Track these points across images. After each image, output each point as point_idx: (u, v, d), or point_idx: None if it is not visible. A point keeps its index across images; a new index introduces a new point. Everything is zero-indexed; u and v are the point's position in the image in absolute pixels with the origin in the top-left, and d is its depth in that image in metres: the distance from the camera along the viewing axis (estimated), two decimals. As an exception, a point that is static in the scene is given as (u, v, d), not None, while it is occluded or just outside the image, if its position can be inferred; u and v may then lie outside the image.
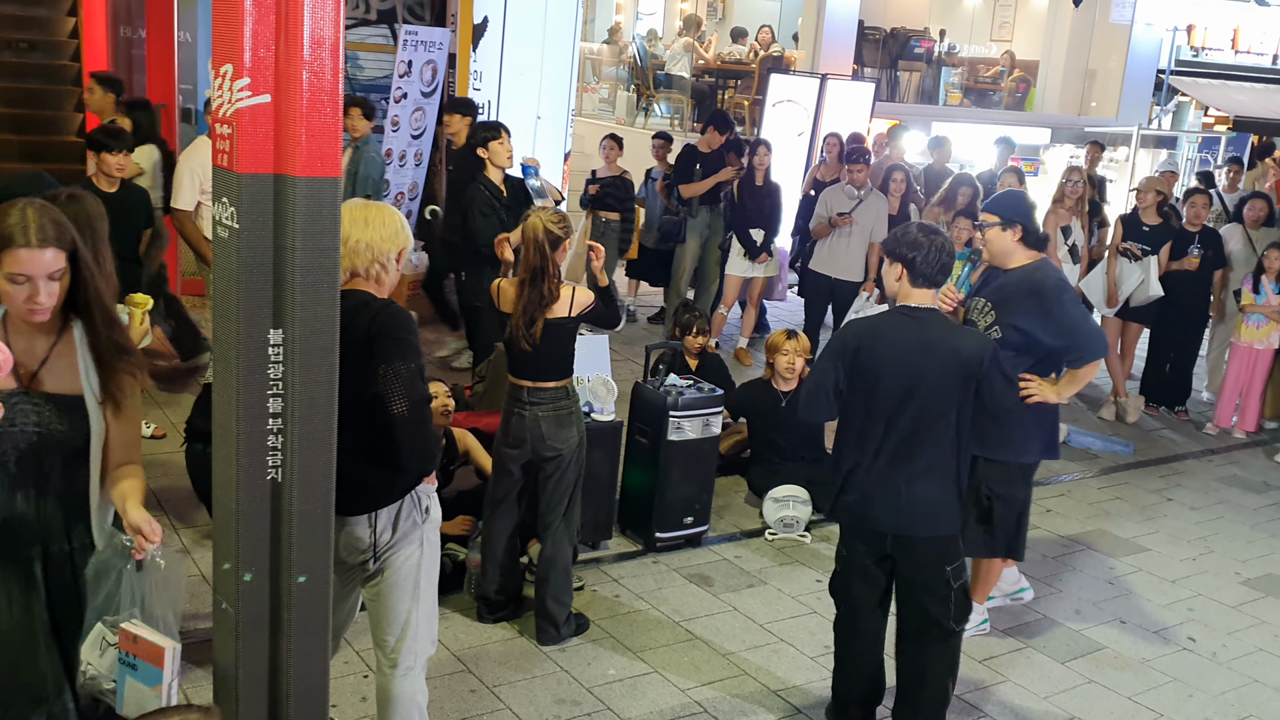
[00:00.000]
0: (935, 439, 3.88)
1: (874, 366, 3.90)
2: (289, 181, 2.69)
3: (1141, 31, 16.11)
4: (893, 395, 3.87)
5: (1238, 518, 6.91)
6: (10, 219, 2.67)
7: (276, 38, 2.62)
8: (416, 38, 9.05)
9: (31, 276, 2.68)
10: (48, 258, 2.69)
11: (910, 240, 3.92)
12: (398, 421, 3.16)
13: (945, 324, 4.02)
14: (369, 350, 3.18)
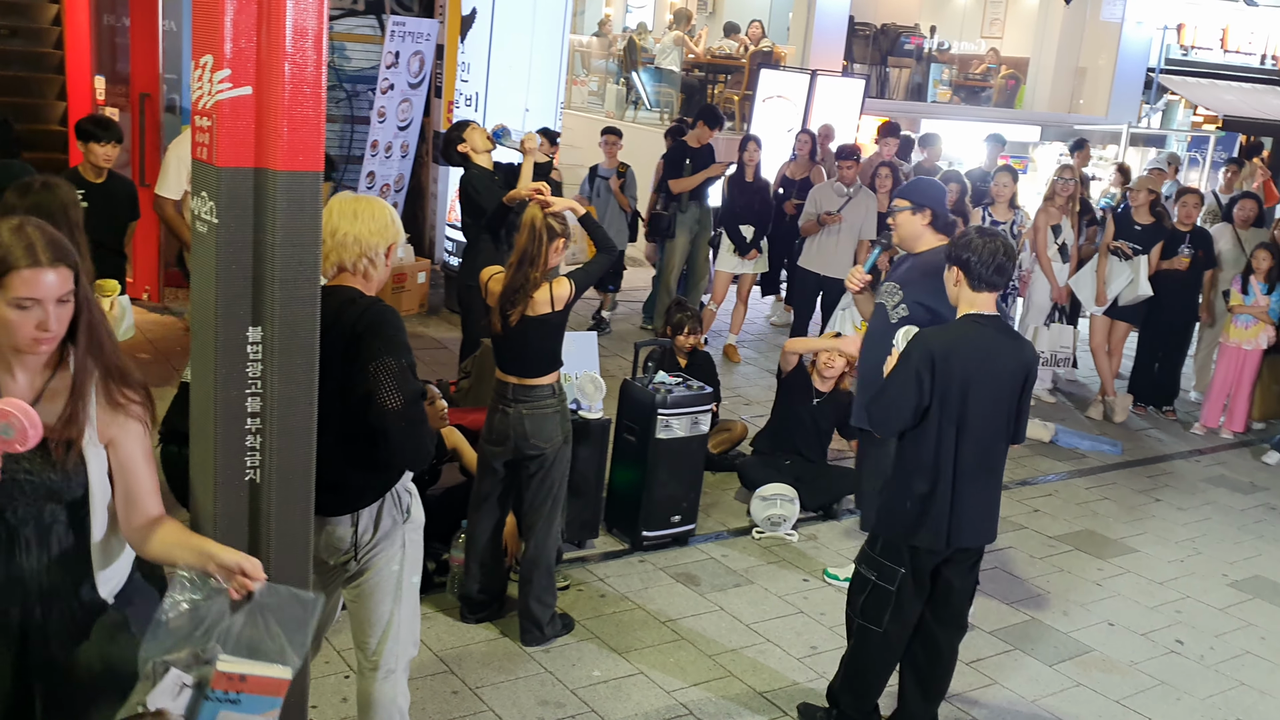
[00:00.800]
0: (1003, 447, 3.94)
1: (960, 378, 3.79)
2: (270, 175, 2.62)
3: (1132, 30, 16.12)
4: (980, 407, 3.82)
5: (1225, 519, 6.90)
6: (8, 238, 2.37)
7: (258, 28, 2.56)
8: (404, 28, 8.98)
9: (41, 300, 2.36)
10: (57, 279, 2.39)
11: (965, 242, 3.88)
12: (390, 417, 3.09)
13: (1008, 331, 4.00)
14: (355, 349, 3.12)
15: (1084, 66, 16.83)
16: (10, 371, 2.46)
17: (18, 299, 2.35)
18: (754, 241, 8.95)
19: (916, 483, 3.88)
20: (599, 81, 15.90)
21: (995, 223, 8.26)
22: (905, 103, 15.77)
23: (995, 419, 3.86)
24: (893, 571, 3.95)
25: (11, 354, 2.44)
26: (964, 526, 3.89)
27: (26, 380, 2.47)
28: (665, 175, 9.20)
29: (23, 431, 2.33)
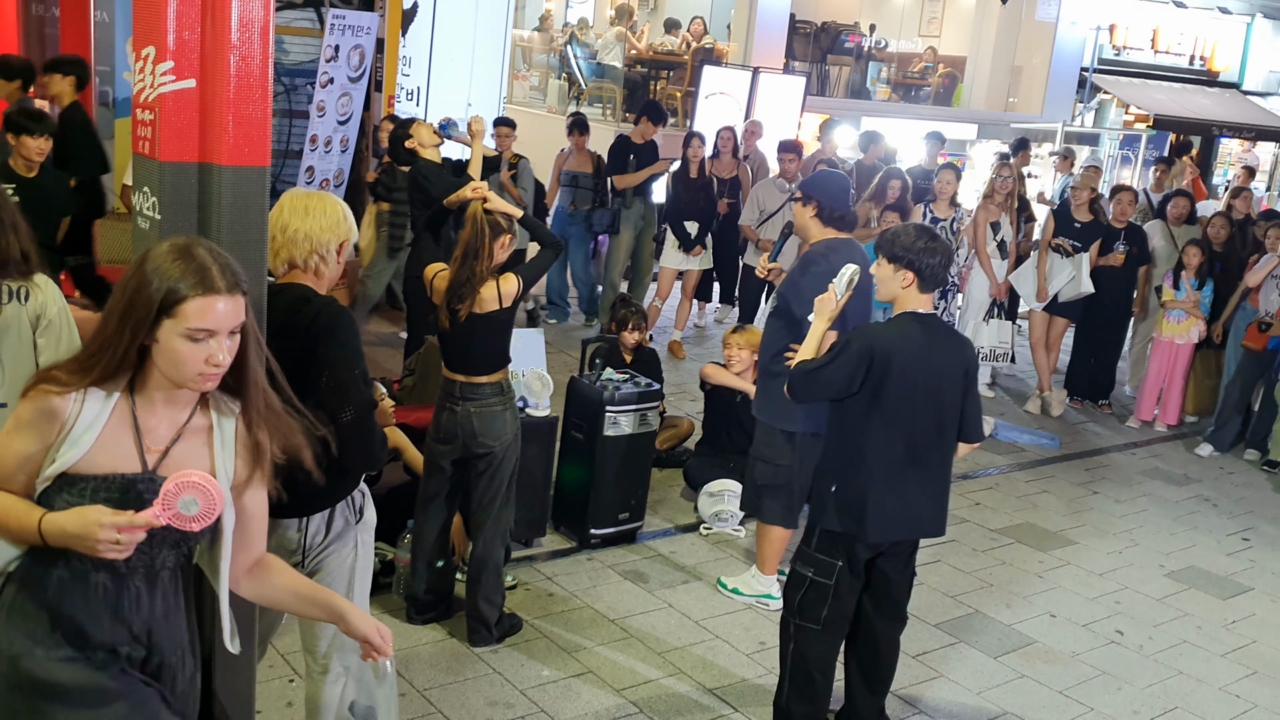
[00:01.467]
0: (944, 444, 3.94)
1: (896, 374, 3.81)
2: (214, 170, 2.58)
3: (1066, 30, 16.40)
4: (914, 403, 3.84)
5: (1160, 510, 7.04)
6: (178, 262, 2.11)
7: (202, 19, 2.51)
8: (344, 22, 8.86)
9: (216, 331, 2.13)
10: (235, 307, 2.16)
11: (920, 248, 3.83)
12: (345, 430, 3.04)
13: (949, 331, 4.04)
14: (309, 354, 3.06)
15: (1020, 65, 17.09)
16: (154, 408, 2.22)
17: (191, 330, 2.11)
18: (699, 238, 8.96)
19: (848, 475, 3.91)
20: (540, 76, 15.84)
21: (936, 219, 8.35)
22: (845, 100, 15.90)
23: (931, 415, 3.87)
24: (829, 565, 3.96)
25: (163, 389, 2.21)
26: (897, 519, 3.91)
27: (170, 419, 2.24)
28: (609, 171, 9.18)
29: (209, 508, 2.12)
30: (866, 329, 4.00)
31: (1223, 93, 18.84)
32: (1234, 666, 5.13)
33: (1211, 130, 17.91)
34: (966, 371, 3.93)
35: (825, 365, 3.90)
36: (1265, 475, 7.90)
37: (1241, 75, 19.32)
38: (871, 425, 3.86)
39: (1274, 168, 21.09)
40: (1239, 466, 8.06)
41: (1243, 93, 19.20)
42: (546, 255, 4.71)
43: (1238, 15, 19.04)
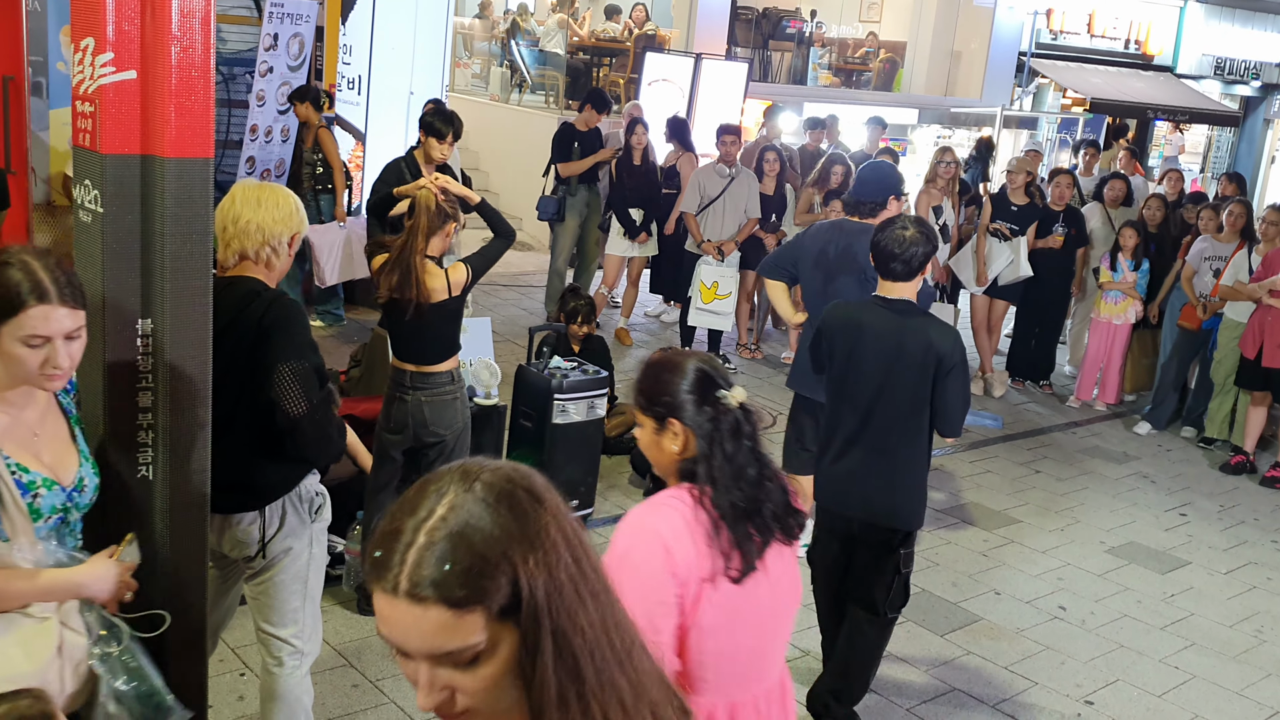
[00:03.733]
0: (907, 430, 3.90)
1: (850, 354, 3.90)
2: (157, 163, 2.55)
3: (1004, 14, 16.57)
4: (869, 384, 3.88)
5: (1101, 488, 7.18)
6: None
7: (142, 9, 2.47)
8: (283, 9, 8.74)
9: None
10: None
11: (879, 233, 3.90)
12: (300, 423, 3.03)
13: (920, 314, 3.98)
14: (261, 348, 3.03)
15: (959, 50, 17.26)
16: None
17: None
18: (643, 225, 8.97)
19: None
20: (482, 64, 15.73)
21: (878, 204, 8.43)
22: (788, 86, 15.96)
23: (887, 397, 3.88)
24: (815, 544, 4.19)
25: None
26: (842, 493, 3.99)
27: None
28: (553, 159, 9.16)
29: None
30: (828, 308, 4.14)
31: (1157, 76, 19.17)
32: (1173, 639, 5.27)
33: (1146, 113, 18.22)
34: (939, 361, 3.82)
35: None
36: (1201, 452, 8.09)
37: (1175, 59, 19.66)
38: (830, 398, 4.05)
39: (1206, 149, 21.54)
40: (1176, 444, 8.25)
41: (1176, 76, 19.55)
42: (499, 244, 4.68)
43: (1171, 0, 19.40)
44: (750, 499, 2.27)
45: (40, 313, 2.22)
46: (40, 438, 2.40)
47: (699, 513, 2.22)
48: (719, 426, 2.29)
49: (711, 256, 8.40)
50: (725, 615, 2.24)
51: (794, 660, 4.70)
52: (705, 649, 2.24)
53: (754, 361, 9.12)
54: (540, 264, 10.53)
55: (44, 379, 2.29)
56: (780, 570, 2.33)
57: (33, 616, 2.32)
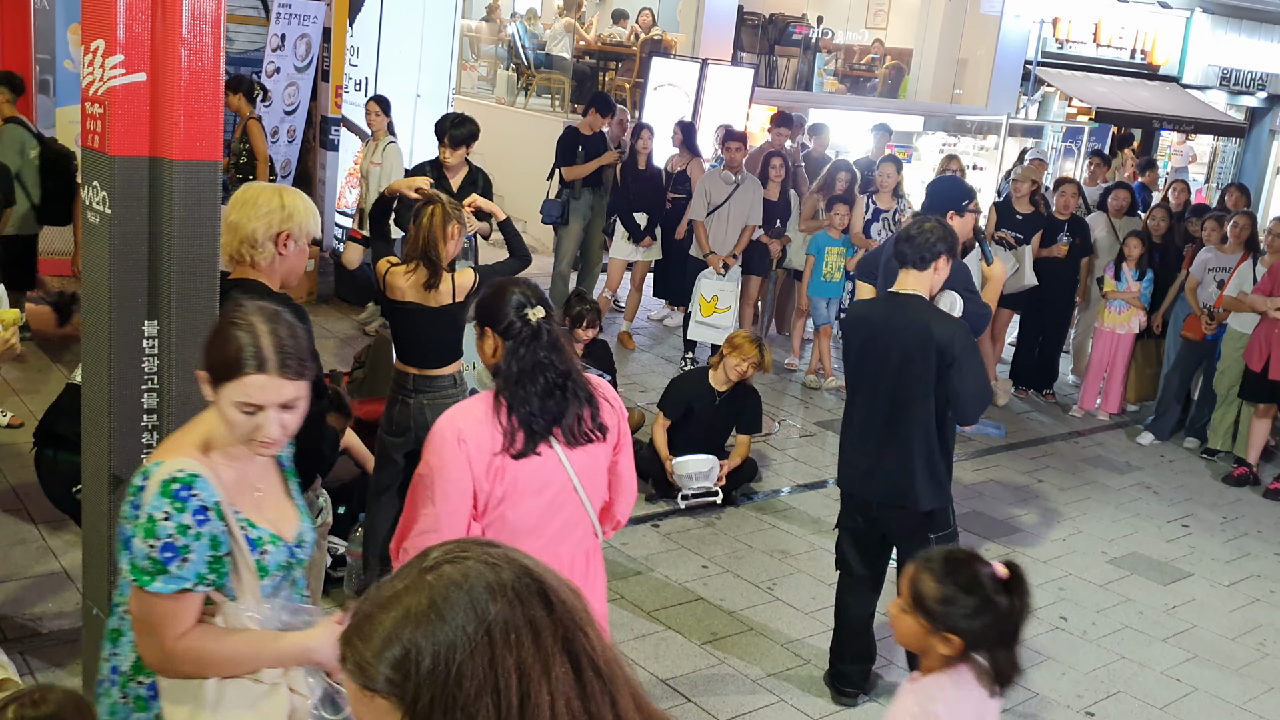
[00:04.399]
0: (913, 417, 4.13)
1: (861, 348, 4.22)
2: (166, 165, 2.55)
3: (1010, 23, 16.56)
4: (873, 374, 4.17)
5: (1103, 498, 7.17)
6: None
7: (153, 12, 2.48)
8: (290, 10, 8.76)
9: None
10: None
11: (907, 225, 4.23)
12: None
13: (924, 308, 4.17)
14: None
15: (965, 58, 17.26)
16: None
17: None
18: (648, 229, 8.98)
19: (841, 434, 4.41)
20: (489, 67, 15.74)
21: (879, 211, 8.44)
22: (793, 92, 15.96)
23: (898, 385, 4.12)
24: (840, 516, 4.48)
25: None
26: (864, 478, 4.28)
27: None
28: (558, 162, 9.16)
29: None
30: (849, 306, 4.46)
31: (1163, 86, 19.17)
32: (1175, 651, 5.26)
33: (1152, 123, 18.22)
34: (940, 352, 4.03)
35: None
36: (1204, 463, 8.08)
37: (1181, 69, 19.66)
38: (850, 389, 4.36)
39: (1211, 160, 21.53)
40: (1179, 454, 8.24)
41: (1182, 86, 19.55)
42: (512, 264, 4.77)
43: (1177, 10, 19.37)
44: (544, 393, 2.79)
45: (257, 381, 2.15)
46: (262, 493, 2.35)
47: (497, 405, 2.79)
48: (520, 335, 2.81)
49: (715, 270, 8.40)
50: (516, 486, 2.79)
51: (795, 669, 4.69)
52: (504, 513, 2.81)
53: (757, 367, 9.12)
54: (544, 267, 10.52)
55: (256, 445, 2.23)
56: (580, 455, 2.87)
57: (262, 683, 2.25)
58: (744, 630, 4.97)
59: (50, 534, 4.99)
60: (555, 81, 14.13)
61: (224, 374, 2.16)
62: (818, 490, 6.73)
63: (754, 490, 6.54)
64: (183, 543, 2.12)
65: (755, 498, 6.47)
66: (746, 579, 5.46)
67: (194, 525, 2.13)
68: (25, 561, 4.77)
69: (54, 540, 4.94)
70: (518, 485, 2.80)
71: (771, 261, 9.04)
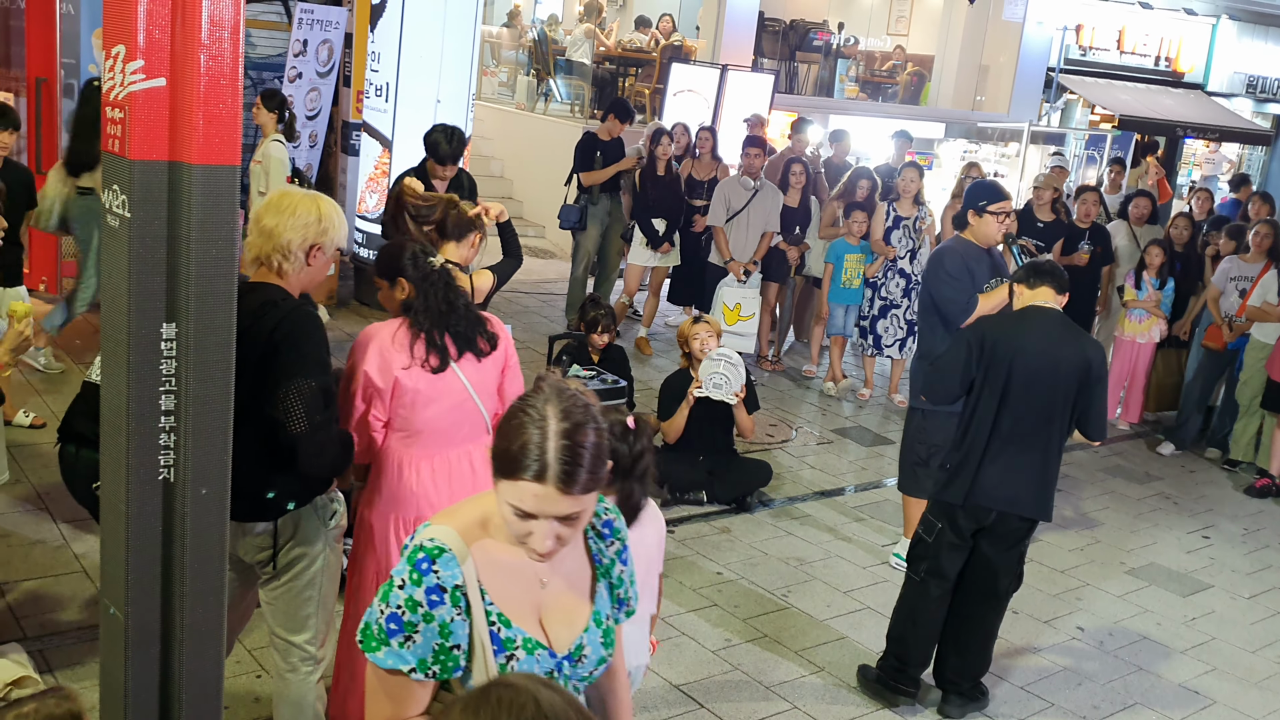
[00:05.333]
0: (1052, 432, 4.35)
1: (1009, 360, 4.27)
2: (184, 169, 2.57)
3: (1033, 30, 16.51)
4: (1025, 388, 4.27)
5: (1122, 508, 7.13)
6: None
7: (172, 18, 2.50)
8: (312, 16, 8.81)
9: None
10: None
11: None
12: (302, 440, 3.06)
13: (1071, 325, 4.40)
14: (270, 360, 3.05)
15: (987, 65, 17.21)
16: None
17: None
18: (666, 235, 8.99)
19: (959, 447, 4.42)
20: (509, 73, 15.80)
21: (900, 218, 8.42)
22: (814, 98, 15.95)
23: (1040, 401, 4.29)
24: (932, 525, 4.47)
25: None
26: (994, 491, 4.35)
27: None
28: (576, 167, 9.18)
29: None
30: (988, 320, 4.51)
31: (1187, 94, 19.04)
32: (1193, 663, 5.22)
33: (1176, 131, 18.11)
34: (1088, 370, 4.27)
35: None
36: (1225, 474, 8.03)
37: (1206, 76, 19.54)
38: (981, 403, 4.36)
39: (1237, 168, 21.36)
40: (1200, 465, 8.18)
41: (1207, 94, 19.43)
42: (509, 263, 4.95)
43: (1203, 17, 19.25)
44: (443, 320, 3.46)
45: (532, 489, 1.90)
46: (547, 588, 2.08)
47: (403, 329, 3.44)
48: (426, 277, 3.48)
49: (736, 277, 8.39)
50: (423, 395, 3.44)
51: (808, 676, 4.68)
52: (412, 418, 3.47)
53: (775, 374, 9.11)
54: (561, 272, 10.55)
55: (527, 550, 1.98)
56: (473, 371, 3.51)
57: None
58: (758, 637, 4.97)
59: (71, 534, 5.04)
60: (575, 87, 14.17)
61: (503, 468, 1.93)
62: (834, 498, 6.72)
63: (770, 497, 6.53)
64: (410, 619, 1.93)
65: (771, 504, 6.47)
66: (761, 586, 5.45)
67: (424, 604, 1.93)
68: (46, 561, 4.81)
69: (74, 540, 4.98)
70: (421, 395, 3.44)
71: (790, 268, 9.04)
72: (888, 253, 8.37)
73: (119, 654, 2.86)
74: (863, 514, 6.51)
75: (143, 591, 2.81)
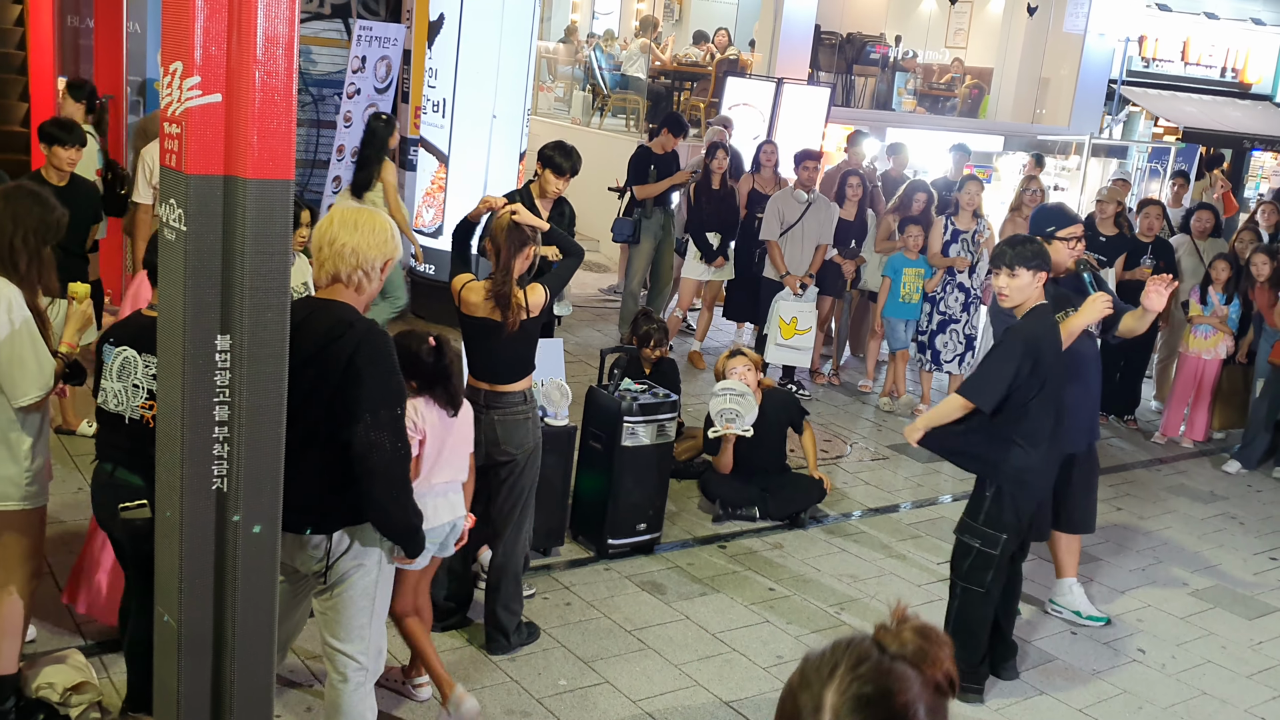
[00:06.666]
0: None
1: (1050, 360, 4.38)
2: (239, 183, 2.61)
3: (1094, 41, 16.29)
4: (1060, 392, 4.43)
5: (1185, 528, 6.98)
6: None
7: (228, 35, 2.54)
8: (371, 33, 8.93)
9: None
10: None
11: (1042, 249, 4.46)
12: (379, 472, 3.11)
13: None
14: (351, 386, 3.09)
15: (1047, 77, 17.01)
16: None
17: None
18: (720, 249, 8.97)
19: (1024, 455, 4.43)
20: (565, 88, 15.90)
21: (958, 232, 8.33)
22: (871, 111, 15.87)
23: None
24: (995, 538, 4.50)
25: None
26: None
27: None
28: (630, 181, 9.20)
29: None
30: (1019, 327, 4.45)
31: (1255, 105, 18.69)
32: (1260, 688, 5.09)
33: (1243, 143, 17.77)
34: None
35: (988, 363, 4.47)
36: (1292, 493, 7.83)
37: (1275, 87, 19.14)
38: (1041, 411, 4.40)
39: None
40: (1267, 484, 7.99)
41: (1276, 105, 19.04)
42: (570, 263, 4.77)
43: (1271, 26, 18.88)
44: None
45: None
46: None
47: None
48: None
49: (792, 290, 8.35)
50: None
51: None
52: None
53: (830, 388, 9.05)
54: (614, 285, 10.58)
55: None
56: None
57: None
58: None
59: (130, 542, 5.11)
60: (630, 102, 14.22)
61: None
62: (889, 515, 6.65)
63: (823, 513, 6.48)
64: None
65: (824, 520, 6.41)
66: (814, 602, 5.41)
67: None
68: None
69: (133, 548, 5.06)
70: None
71: (845, 282, 8.97)
72: (956, 263, 8.26)
73: (172, 660, 2.90)
74: (918, 531, 6.43)
75: (195, 599, 2.85)
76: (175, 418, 2.75)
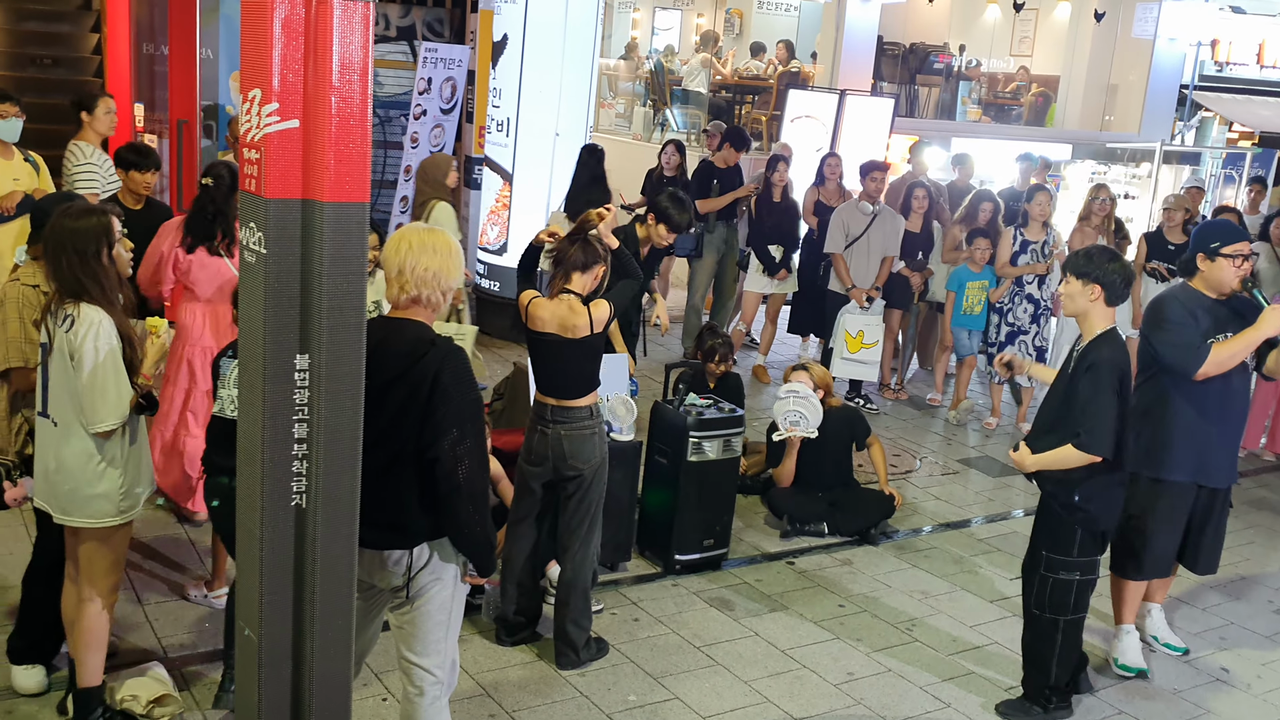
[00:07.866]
0: None
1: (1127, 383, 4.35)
2: (317, 207, 2.67)
3: (1164, 46, 15.99)
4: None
5: (1268, 543, 6.81)
6: None
7: (305, 62, 2.60)
8: (436, 55, 9.06)
9: None
10: None
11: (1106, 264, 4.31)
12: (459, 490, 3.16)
13: None
14: (439, 404, 3.15)
15: (1115, 83, 16.73)
16: None
17: None
18: (783, 261, 8.95)
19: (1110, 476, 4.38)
20: (626, 104, 15.97)
21: (1027, 242, 8.23)
22: (935, 121, 15.74)
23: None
24: (1094, 564, 4.50)
25: None
26: None
27: None
28: (692, 195, 9.21)
29: None
30: (1095, 358, 4.27)
31: (1331, 108, 18.23)
32: (1346, 706, 4.95)
33: (1320, 147, 17.34)
34: None
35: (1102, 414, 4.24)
36: (1378, 506, 7.61)
37: (1352, 89, 18.68)
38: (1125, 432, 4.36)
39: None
40: (1350, 496, 7.78)
41: (1353, 108, 18.57)
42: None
43: (1347, 28, 18.45)
44: None
45: None
46: None
47: None
48: None
49: (858, 303, 8.29)
50: None
51: (934, 712, 4.58)
52: None
53: (898, 403, 8.97)
54: (678, 301, 10.58)
55: None
56: None
57: None
58: (881, 672, 4.88)
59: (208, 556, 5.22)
60: (691, 116, 14.24)
61: None
62: (960, 530, 6.57)
63: (893, 528, 6.42)
64: None
65: (894, 536, 6.36)
66: (884, 619, 5.36)
67: None
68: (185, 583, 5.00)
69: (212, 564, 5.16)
70: None
71: (913, 294, 8.90)
72: (1036, 269, 8.16)
73: (253, 673, 2.96)
74: (990, 546, 6.35)
75: (275, 614, 2.90)
76: (256, 436, 2.81)
